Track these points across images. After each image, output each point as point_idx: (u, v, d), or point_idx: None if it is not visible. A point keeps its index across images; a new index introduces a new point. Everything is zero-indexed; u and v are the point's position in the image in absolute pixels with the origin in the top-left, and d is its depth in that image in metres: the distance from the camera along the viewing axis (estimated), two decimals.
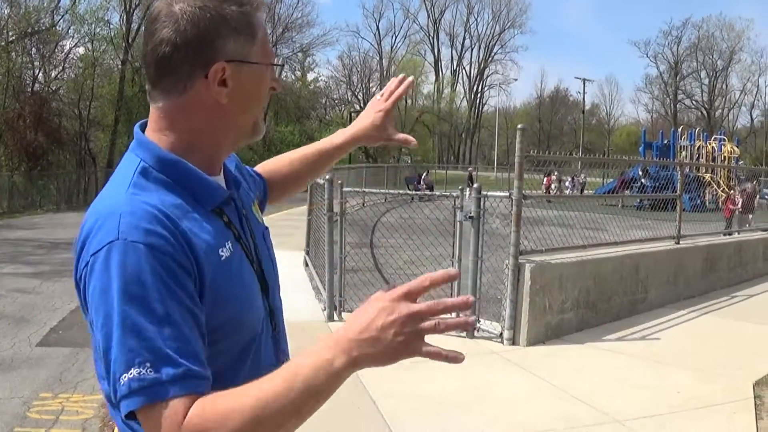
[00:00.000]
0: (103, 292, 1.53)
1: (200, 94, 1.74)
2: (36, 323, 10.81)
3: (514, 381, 8.01)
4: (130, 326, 1.49)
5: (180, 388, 1.48)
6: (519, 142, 9.45)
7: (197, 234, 1.67)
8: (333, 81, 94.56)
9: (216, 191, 1.80)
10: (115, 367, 1.49)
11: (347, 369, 1.47)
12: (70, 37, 52.98)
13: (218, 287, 1.68)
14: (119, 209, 1.60)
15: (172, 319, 1.52)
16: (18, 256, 18.64)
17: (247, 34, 1.77)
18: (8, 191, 39.24)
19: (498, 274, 10.11)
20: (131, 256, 1.53)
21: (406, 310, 1.47)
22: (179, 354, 1.50)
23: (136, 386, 1.46)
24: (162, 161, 1.74)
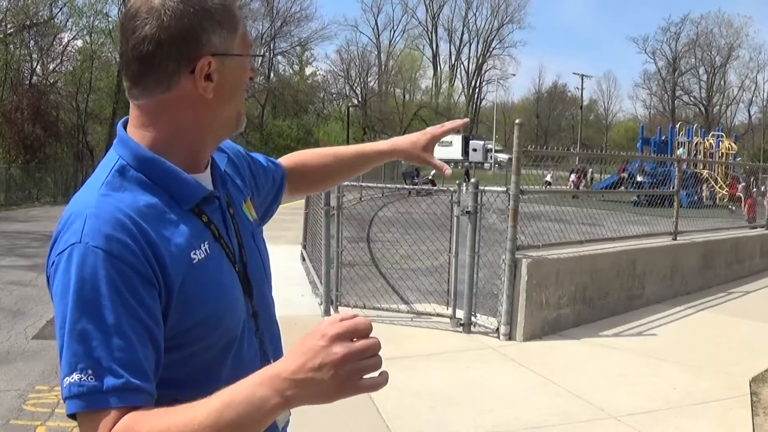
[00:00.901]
0: (62, 294, 1.56)
1: (185, 90, 1.72)
2: (32, 316, 10.80)
3: (510, 376, 8.01)
4: (78, 331, 1.52)
5: (118, 400, 1.49)
6: (517, 137, 9.45)
7: (167, 238, 1.66)
8: (331, 75, 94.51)
9: (194, 190, 1.77)
10: (62, 368, 1.53)
11: (279, 409, 1.44)
12: (68, 30, 53.24)
13: (189, 290, 1.67)
14: (86, 210, 1.61)
15: (121, 329, 1.52)
16: (14, 248, 18.62)
17: (230, 26, 1.75)
18: (5, 184, 39.22)
19: (495, 269, 10.12)
20: (89, 262, 1.54)
21: (341, 353, 1.41)
22: (122, 365, 1.50)
23: (76, 391, 1.49)
24: (140, 159, 1.72)
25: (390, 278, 13.27)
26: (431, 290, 10.97)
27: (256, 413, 1.43)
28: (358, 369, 1.42)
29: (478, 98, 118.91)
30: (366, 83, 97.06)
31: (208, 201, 1.82)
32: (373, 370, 1.45)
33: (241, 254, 1.90)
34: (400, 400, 7.01)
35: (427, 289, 11.10)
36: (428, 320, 9.91)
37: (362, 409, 6.79)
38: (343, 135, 77.55)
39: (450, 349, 8.87)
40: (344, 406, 6.72)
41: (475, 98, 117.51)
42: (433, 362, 8.37)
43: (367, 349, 1.43)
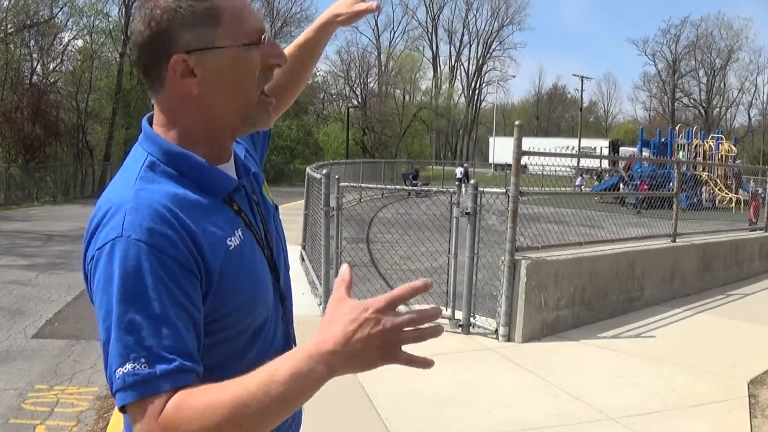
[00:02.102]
0: (105, 288, 1.58)
1: (177, 89, 1.78)
2: (31, 315, 10.82)
3: (509, 377, 8.01)
4: (127, 323, 1.54)
5: (170, 383, 1.53)
6: (516, 138, 9.46)
7: (204, 227, 1.70)
8: (331, 76, 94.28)
9: (224, 181, 1.84)
10: (111, 361, 1.54)
11: (325, 378, 1.49)
12: (68, 30, 53.09)
13: (228, 277, 1.72)
14: (125, 205, 1.64)
15: (168, 317, 1.56)
16: (14, 248, 18.62)
17: (207, 21, 1.75)
18: (5, 183, 39.15)
19: (494, 271, 10.13)
20: (132, 254, 1.57)
21: (390, 323, 1.49)
22: (173, 352, 1.55)
23: (131, 380, 1.51)
24: (169, 154, 1.78)
25: (389, 279, 13.28)
26: (430, 291, 10.90)
27: (302, 383, 1.48)
28: (401, 340, 1.51)
29: (478, 100, 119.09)
30: (366, 84, 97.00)
31: (236, 190, 1.88)
32: (414, 341, 1.53)
33: (267, 239, 1.97)
34: (398, 401, 7.02)
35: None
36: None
37: (361, 409, 6.81)
38: (343, 136, 77.54)
39: (449, 350, 8.87)
40: (343, 406, 6.74)
41: (475, 100, 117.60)
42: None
43: (411, 321, 1.53)
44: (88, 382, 7.86)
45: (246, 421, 1.48)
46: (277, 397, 1.48)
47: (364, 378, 7.51)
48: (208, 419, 1.48)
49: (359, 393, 7.17)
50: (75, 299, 11.97)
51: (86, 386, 7.76)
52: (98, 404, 7.19)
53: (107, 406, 7.09)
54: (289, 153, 68.90)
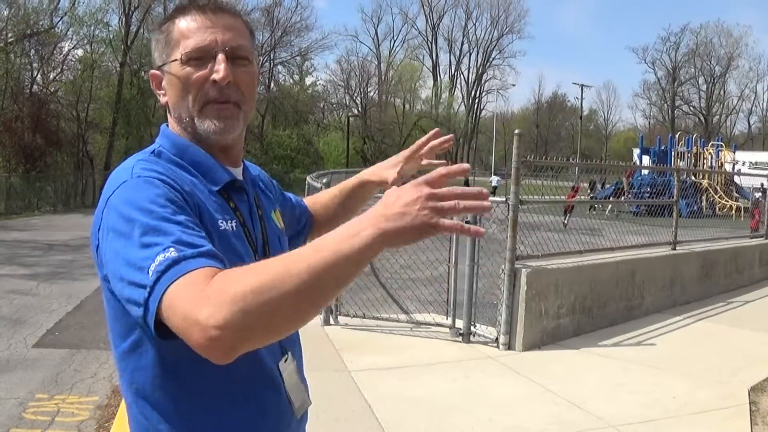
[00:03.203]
0: (122, 215, 1.68)
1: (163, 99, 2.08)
2: (32, 325, 10.82)
3: (509, 385, 8.01)
4: (152, 228, 1.62)
5: (205, 261, 1.56)
6: (516, 147, 9.48)
7: (201, 199, 1.87)
8: (331, 85, 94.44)
9: (221, 173, 2.00)
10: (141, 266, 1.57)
11: (375, 239, 1.51)
12: (68, 39, 53.19)
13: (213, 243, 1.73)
14: (131, 164, 1.85)
15: (189, 225, 1.67)
16: (15, 257, 18.62)
17: (166, 42, 2.02)
18: (5, 193, 39.18)
19: (494, 279, 10.13)
20: (145, 185, 1.73)
21: (428, 190, 1.55)
22: (200, 241, 1.62)
23: (163, 267, 1.53)
24: (176, 145, 2.01)
25: (389, 288, 13.26)
26: (431, 300, 10.97)
27: (356, 244, 1.51)
28: (439, 206, 1.54)
29: (478, 108, 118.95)
30: (366, 93, 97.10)
31: (237, 191, 2.04)
32: (451, 212, 1.56)
33: (264, 249, 2.05)
34: (399, 409, 7.03)
35: (427, 299, 11.10)
36: (428, 330, 9.92)
37: (361, 416, 6.81)
38: (343, 145, 77.59)
39: (449, 358, 8.88)
40: (343, 413, 6.74)
41: (474, 108, 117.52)
42: (433, 372, 8.38)
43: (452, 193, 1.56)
44: (89, 392, 7.86)
45: (296, 282, 1.46)
46: (326, 260, 1.49)
47: (364, 385, 7.52)
48: (260, 276, 1.47)
49: (359, 401, 7.17)
50: (76, 309, 11.98)
51: (87, 395, 7.76)
52: (99, 414, 7.18)
53: (108, 415, 7.09)
54: (289, 162, 68.98)
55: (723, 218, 29.51)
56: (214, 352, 1.46)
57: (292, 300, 1.47)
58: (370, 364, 8.44)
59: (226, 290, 1.45)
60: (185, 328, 1.47)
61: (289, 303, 1.47)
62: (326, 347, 9.16)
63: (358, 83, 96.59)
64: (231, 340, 1.45)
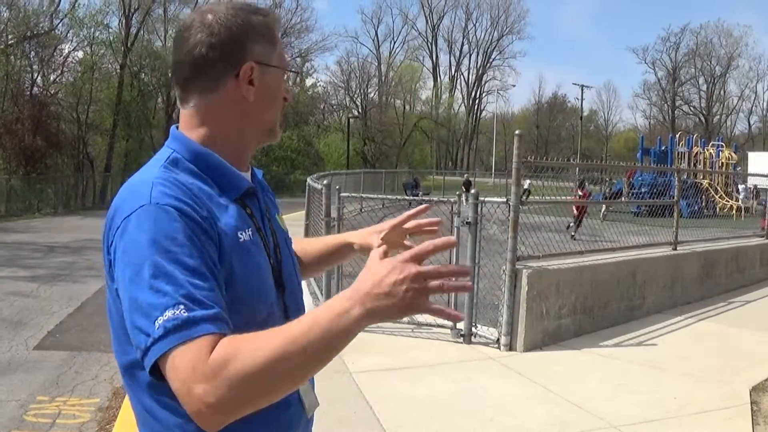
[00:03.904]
0: (136, 247, 1.66)
1: (230, 92, 1.93)
2: (33, 327, 10.81)
3: (511, 386, 8.01)
4: (163, 274, 1.61)
5: (211, 327, 1.57)
6: (517, 148, 9.47)
7: (220, 215, 1.83)
8: (331, 86, 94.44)
9: (240, 181, 1.96)
10: (147, 314, 1.59)
11: (362, 319, 1.57)
12: (69, 41, 53.20)
13: (234, 263, 1.79)
14: (151, 180, 1.78)
15: (201, 271, 1.65)
16: (15, 259, 18.64)
17: (270, 40, 1.99)
18: (6, 195, 39.19)
19: (495, 280, 10.14)
20: (163, 216, 1.68)
21: (415, 269, 1.58)
22: (210, 300, 1.61)
23: (171, 326, 1.55)
24: (192, 152, 1.92)
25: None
26: (432, 301, 10.94)
27: (343, 324, 1.57)
28: (425, 288, 1.59)
29: (478, 109, 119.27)
30: (366, 94, 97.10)
31: (251, 197, 2.01)
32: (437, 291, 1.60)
33: (275, 252, 2.06)
34: (400, 411, 7.02)
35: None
36: (429, 331, 9.91)
37: (362, 417, 6.80)
38: (343, 146, 77.57)
39: (451, 359, 8.88)
40: (345, 414, 6.74)
41: (475, 109, 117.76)
42: (434, 373, 8.38)
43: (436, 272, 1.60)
44: (90, 394, 7.85)
45: (290, 363, 1.54)
46: (320, 337, 1.56)
47: (365, 386, 7.52)
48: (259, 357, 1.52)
49: (361, 402, 7.17)
50: (76, 311, 11.97)
51: (88, 398, 7.76)
52: (100, 416, 7.18)
53: (109, 417, 7.09)
54: (289, 163, 68.94)
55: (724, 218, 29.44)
56: (203, 424, 1.56)
57: (286, 381, 1.60)
58: (371, 366, 8.43)
59: (224, 370, 1.51)
60: (181, 393, 1.54)
61: (283, 384, 1.60)
62: None
63: (359, 84, 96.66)
64: (220, 419, 1.56)
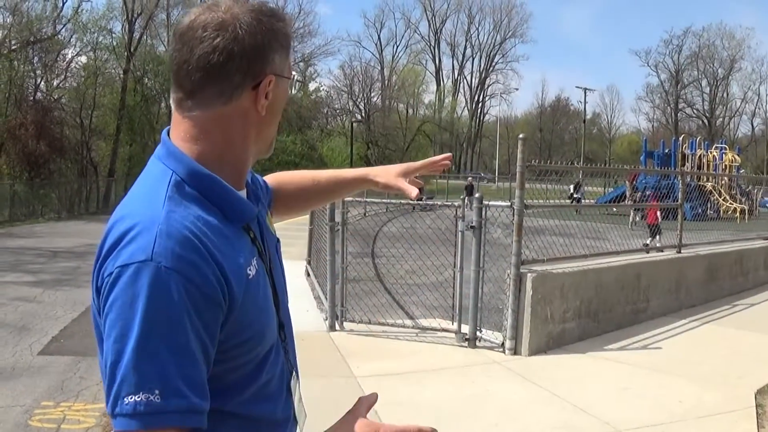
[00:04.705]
0: (126, 309, 1.53)
1: (243, 105, 1.74)
2: (37, 332, 10.82)
3: (515, 390, 8.00)
4: (148, 350, 1.50)
5: (179, 420, 1.52)
6: (520, 151, 9.46)
7: (228, 256, 1.67)
8: (334, 90, 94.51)
9: (246, 209, 1.82)
10: (121, 385, 1.51)
11: None
12: (72, 46, 53.31)
13: (247, 306, 1.69)
14: (156, 226, 1.58)
15: (190, 350, 1.54)
16: (19, 264, 18.66)
17: (287, 49, 1.82)
18: (10, 200, 39.19)
19: (500, 284, 10.12)
20: (161, 283, 1.52)
21: None
22: (188, 385, 1.53)
23: (142, 410, 1.48)
24: (195, 175, 1.72)
25: (395, 293, 13.27)
26: (436, 305, 10.97)
27: None
28: None
29: (481, 113, 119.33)
30: (369, 98, 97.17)
31: (253, 219, 1.87)
32: None
33: (270, 268, 1.94)
34: (405, 415, 7.01)
35: (432, 304, 11.09)
36: (433, 335, 9.91)
37: None
38: (347, 150, 77.53)
39: (455, 363, 8.87)
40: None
41: (478, 113, 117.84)
42: (439, 377, 8.37)
43: None
44: (95, 399, 7.85)
45: None
46: None
47: (371, 390, 7.50)
48: None
49: None
50: (81, 316, 11.97)
51: (93, 403, 7.75)
52: (105, 421, 7.17)
53: None
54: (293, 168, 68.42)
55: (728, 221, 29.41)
56: None
57: None
58: (376, 370, 8.43)
59: None
60: None
61: None
62: (332, 353, 9.15)
63: (362, 88, 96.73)
64: None
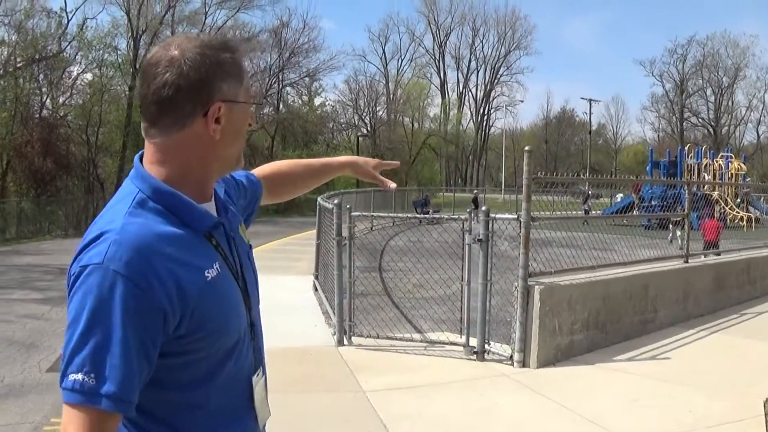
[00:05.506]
0: (78, 302, 1.82)
1: (197, 131, 1.96)
2: (46, 349, 10.82)
3: (524, 403, 8.00)
4: (89, 339, 1.77)
5: (109, 404, 1.75)
6: (526, 164, 9.47)
7: (184, 259, 1.92)
8: (340, 105, 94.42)
9: (205, 218, 2.04)
10: (68, 364, 1.77)
11: None
12: (77, 63, 53.35)
13: (205, 304, 1.93)
14: (111, 236, 1.84)
15: (126, 346, 1.78)
16: (27, 282, 18.66)
17: (237, 77, 2.01)
18: (17, 217, 39.23)
19: (507, 297, 10.12)
20: (108, 283, 1.79)
21: None
22: (118, 376, 1.77)
23: (78, 388, 1.75)
24: (157, 192, 1.96)
25: (403, 307, 13.26)
26: (444, 319, 10.96)
27: None
28: None
29: (487, 125, 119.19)
30: (375, 112, 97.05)
31: (216, 227, 2.09)
32: None
33: (242, 272, 2.18)
34: (415, 429, 7.02)
35: (440, 317, 11.09)
36: (442, 349, 9.90)
37: None
38: None
39: (464, 377, 8.87)
40: None
41: (483, 125, 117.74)
42: (448, 391, 8.37)
43: None
44: None
45: None
46: None
47: (379, 406, 7.51)
48: None
49: (375, 421, 7.16)
50: None
51: None
52: None
53: None
54: None
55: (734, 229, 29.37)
56: None
57: None
58: (385, 384, 8.43)
59: None
60: None
61: None
62: (341, 368, 9.15)
63: (367, 103, 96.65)
64: None
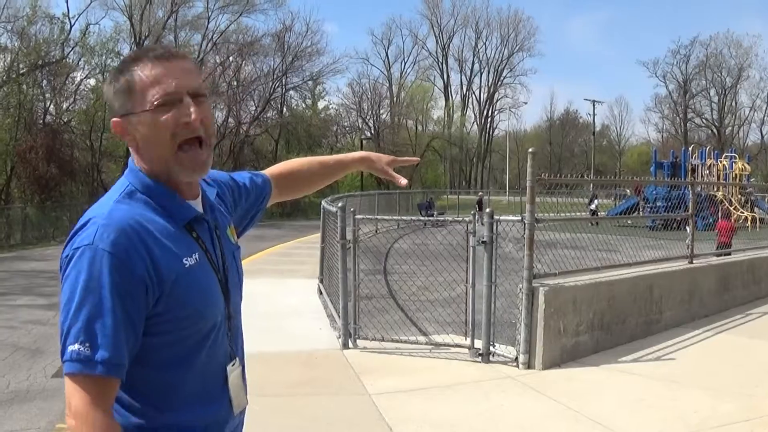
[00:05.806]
0: (72, 282, 2.06)
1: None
2: (51, 355, 10.81)
3: (530, 405, 7.99)
4: (83, 312, 2.02)
5: (104, 369, 2.01)
6: (530, 165, 9.46)
7: (164, 245, 2.17)
8: (343, 108, 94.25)
9: (186, 210, 2.31)
10: (66, 336, 2.03)
11: None
12: (80, 69, 53.36)
13: (180, 288, 2.17)
14: (99, 219, 2.13)
15: (115, 315, 2.03)
16: (32, 287, 18.67)
17: (128, 93, 2.23)
18: (21, 223, 39.21)
19: (512, 298, 10.11)
20: (97, 260, 2.05)
21: None
22: (110, 343, 2.02)
23: (76, 357, 2.00)
24: (143, 184, 2.27)
25: (408, 310, 13.25)
26: (449, 321, 10.96)
27: None
28: None
29: (491, 127, 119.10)
30: (378, 115, 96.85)
31: (199, 222, 2.36)
32: None
33: (223, 267, 2.41)
34: (419, 430, 7.01)
35: (445, 320, 11.09)
36: (447, 351, 9.90)
37: None
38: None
39: (469, 379, 8.86)
40: None
41: (487, 127, 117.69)
42: (453, 393, 8.36)
43: None
44: None
45: None
46: None
47: (385, 408, 7.51)
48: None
49: (380, 424, 7.16)
50: None
51: None
52: None
53: None
54: None
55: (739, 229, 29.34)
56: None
57: None
58: (390, 387, 8.43)
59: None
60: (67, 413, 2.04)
61: None
62: (346, 371, 9.15)
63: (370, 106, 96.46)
64: None
